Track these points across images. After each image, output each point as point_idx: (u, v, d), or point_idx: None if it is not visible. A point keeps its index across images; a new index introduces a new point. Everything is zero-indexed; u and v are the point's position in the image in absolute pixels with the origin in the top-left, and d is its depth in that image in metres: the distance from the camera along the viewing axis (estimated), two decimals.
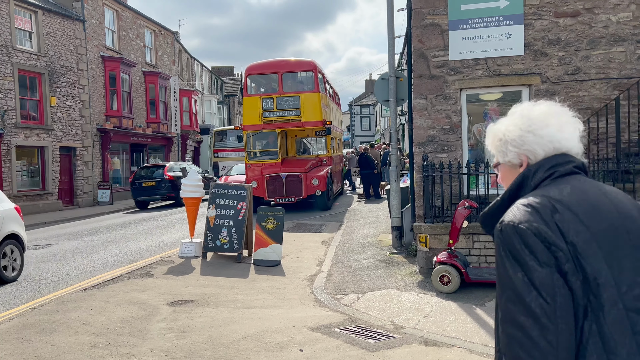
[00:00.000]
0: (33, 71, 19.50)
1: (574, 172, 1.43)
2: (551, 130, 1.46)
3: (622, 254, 1.29)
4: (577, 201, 1.33)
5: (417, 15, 8.21)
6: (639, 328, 1.24)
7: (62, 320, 5.71)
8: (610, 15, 7.70)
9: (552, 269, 1.25)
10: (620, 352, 1.22)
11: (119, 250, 10.46)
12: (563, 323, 1.22)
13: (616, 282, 1.26)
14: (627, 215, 1.34)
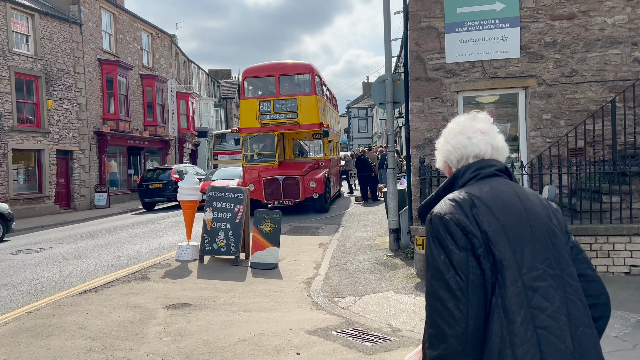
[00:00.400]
0: (30, 74, 19.48)
1: (495, 174, 1.71)
2: (461, 139, 1.74)
3: (525, 243, 1.56)
4: (493, 198, 1.60)
5: (414, 18, 8.23)
6: (533, 302, 1.51)
7: (58, 324, 5.68)
8: (606, 18, 7.73)
9: (467, 252, 1.53)
10: (516, 320, 1.49)
11: (115, 253, 10.43)
12: (474, 296, 1.50)
13: (518, 265, 1.54)
14: (532, 213, 1.62)
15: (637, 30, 7.66)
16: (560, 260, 1.60)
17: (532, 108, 7.97)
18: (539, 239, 1.60)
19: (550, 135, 7.90)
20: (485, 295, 1.53)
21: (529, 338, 1.49)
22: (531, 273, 1.55)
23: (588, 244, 6.64)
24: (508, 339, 1.49)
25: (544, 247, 1.59)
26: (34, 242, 12.56)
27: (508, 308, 1.51)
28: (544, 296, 1.54)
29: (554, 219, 1.66)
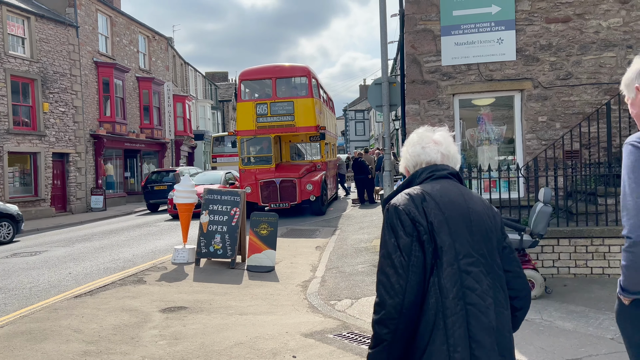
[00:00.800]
0: (26, 77, 19.42)
1: (447, 177, 1.99)
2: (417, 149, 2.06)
3: (463, 234, 1.86)
4: (441, 195, 1.90)
5: (410, 21, 8.25)
6: (466, 283, 1.81)
7: (53, 328, 5.66)
8: (601, 21, 7.76)
9: (413, 238, 1.82)
10: (449, 296, 1.79)
11: (111, 256, 10.40)
12: (413, 274, 1.80)
13: (456, 251, 1.83)
14: (473, 211, 1.92)
15: (632, 33, 7.70)
16: (492, 253, 1.92)
17: (528, 110, 8.00)
18: (476, 233, 1.90)
19: (546, 137, 7.93)
20: (425, 275, 1.82)
21: (458, 311, 1.79)
22: (466, 259, 1.85)
23: (584, 246, 6.66)
24: (441, 311, 1.80)
25: (480, 239, 1.89)
26: (30, 245, 12.52)
27: (443, 286, 1.81)
28: (475, 279, 1.84)
29: (492, 219, 1.96)
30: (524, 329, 5.05)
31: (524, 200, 7.57)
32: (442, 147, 2.05)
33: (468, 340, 1.80)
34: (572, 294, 6.08)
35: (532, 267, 6.02)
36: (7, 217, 13.49)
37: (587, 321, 5.17)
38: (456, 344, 1.78)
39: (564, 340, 4.71)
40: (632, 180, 1.96)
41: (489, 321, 1.82)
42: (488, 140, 8.43)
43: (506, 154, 8.44)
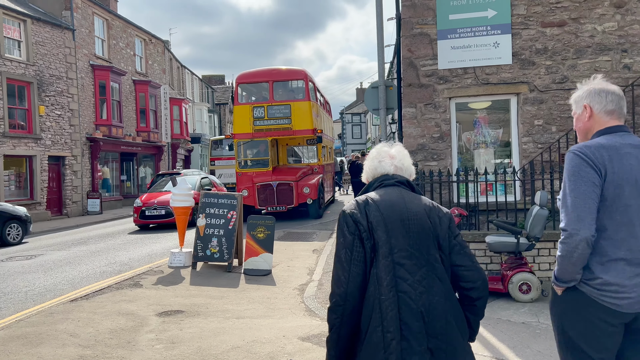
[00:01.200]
0: (22, 80, 19.38)
1: (394, 184, 2.31)
2: (374, 162, 2.40)
3: (399, 231, 2.16)
4: (383, 200, 2.23)
5: (406, 25, 8.27)
6: (398, 273, 2.11)
7: (49, 332, 5.63)
8: (596, 25, 7.81)
9: (355, 236, 2.15)
10: (383, 284, 2.10)
11: (107, 260, 10.36)
12: (355, 267, 2.13)
13: (391, 246, 2.13)
14: (411, 211, 2.21)
15: (627, 37, 7.75)
16: (429, 249, 2.18)
17: (524, 114, 8.03)
18: (412, 231, 2.18)
19: (542, 141, 7.96)
20: (366, 267, 2.15)
21: (391, 297, 2.09)
22: (400, 253, 2.14)
23: None
24: (378, 297, 2.10)
25: (416, 236, 2.18)
26: (25, 249, 12.46)
27: (379, 276, 2.12)
28: (408, 270, 2.13)
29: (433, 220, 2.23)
30: (520, 332, 5.06)
31: (520, 204, 7.59)
32: (396, 160, 2.40)
33: (399, 322, 2.08)
34: None
35: (529, 270, 6.03)
36: (16, 218, 13.76)
37: None
38: (389, 325, 2.08)
39: None
40: (572, 182, 2.27)
41: (416, 307, 2.10)
42: (484, 143, 8.46)
43: (502, 157, 8.46)
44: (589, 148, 2.29)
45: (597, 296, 2.24)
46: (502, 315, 5.57)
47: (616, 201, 2.23)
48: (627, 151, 2.27)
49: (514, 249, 6.06)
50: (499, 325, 5.26)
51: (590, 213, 2.20)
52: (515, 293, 5.99)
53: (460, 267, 2.22)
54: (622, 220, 2.23)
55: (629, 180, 2.23)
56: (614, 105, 2.39)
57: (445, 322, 2.12)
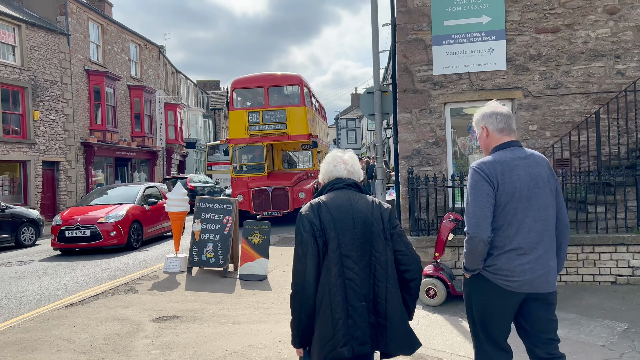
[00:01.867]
0: (16, 85, 19.32)
1: (344, 187, 2.71)
2: (329, 167, 2.78)
3: (346, 228, 2.58)
4: (332, 202, 2.64)
5: (401, 31, 8.33)
6: (345, 264, 2.55)
7: (44, 338, 5.60)
8: (589, 31, 7.88)
9: (309, 234, 2.56)
10: (332, 273, 2.53)
11: (102, 265, 10.32)
12: (309, 261, 2.55)
13: (339, 241, 2.56)
14: (357, 210, 2.63)
15: (620, 43, 7.83)
16: (371, 241, 2.60)
17: (519, 119, 8.08)
18: (358, 227, 2.60)
19: (537, 146, 8.01)
20: (319, 260, 2.56)
21: (339, 284, 2.53)
22: (347, 247, 2.57)
23: (574, 254, 6.71)
24: (327, 283, 2.54)
25: (361, 231, 2.60)
26: (19, 255, 12.38)
27: (329, 266, 2.55)
28: (354, 261, 2.57)
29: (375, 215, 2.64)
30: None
31: None
32: (348, 165, 2.78)
33: (345, 304, 2.54)
34: (563, 301, 6.11)
35: None
36: (30, 221, 14.25)
37: (579, 328, 5.21)
38: (337, 307, 2.53)
39: None
40: (472, 194, 2.79)
41: (361, 291, 2.56)
42: (479, 148, 8.50)
43: None
44: (485, 164, 2.83)
45: (493, 279, 2.82)
46: None
47: (508, 205, 2.76)
48: (516, 163, 2.80)
49: None
50: None
51: (486, 219, 2.74)
52: None
53: (398, 252, 2.66)
54: (513, 221, 2.77)
55: (518, 188, 2.76)
56: (503, 124, 2.90)
57: (385, 302, 2.59)
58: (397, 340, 2.59)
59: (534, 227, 2.78)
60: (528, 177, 2.79)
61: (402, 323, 2.61)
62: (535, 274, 2.77)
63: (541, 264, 2.79)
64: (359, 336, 2.54)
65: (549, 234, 2.83)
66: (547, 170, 2.86)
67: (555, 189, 2.88)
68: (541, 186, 2.80)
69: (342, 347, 2.50)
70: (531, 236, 2.78)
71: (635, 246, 6.56)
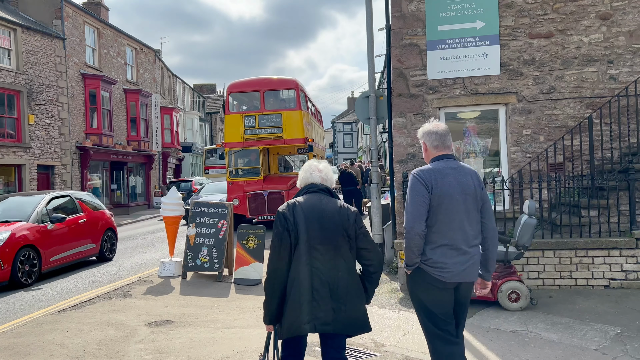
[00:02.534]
0: (11, 89, 19.27)
1: (317, 191, 3.21)
2: (306, 174, 3.31)
3: (316, 225, 3.08)
4: (305, 202, 3.15)
5: (396, 36, 8.36)
6: (313, 254, 3.04)
7: (37, 343, 5.58)
8: (582, 37, 7.93)
9: (284, 228, 3.06)
10: (301, 262, 3.02)
11: (97, 270, 10.28)
12: (283, 251, 3.05)
13: (309, 235, 3.05)
14: (326, 211, 3.13)
15: (613, 49, 7.88)
16: (337, 238, 3.09)
17: (513, 124, 8.12)
18: (326, 225, 3.09)
19: (531, 150, 8.04)
20: (291, 251, 3.06)
21: (307, 270, 3.03)
22: (315, 240, 3.06)
23: (568, 258, 6.74)
24: (297, 271, 3.04)
25: (328, 229, 3.09)
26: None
27: (299, 256, 3.05)
28: (320, 253, 3.06)
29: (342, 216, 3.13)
30: (510, 340, 5.09)
31: (509, 213, 7.65)
32: (322, 173, 3.29)
33: (311, 289, 3.01)
34: (557, 305, 6.14)
35: (518, 279, 6.07)
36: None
37: (572, 332, 5.23)
38: (304, 291, 3.01)
39: (549, 352, 4.75)
40: (410, 195, 3.28)
41: (325, 279, 3.04)
42: (474, 152, 8.53)
43: (491, 166, 8.54)
44: (422, 171, 3.34)
45: (430, 271, 3.25)
46: (492, 324, 5.60)
47: (440, 206, 3.24)
48: (448, 172, 3.31)
49: (503, 258, 6.11)
50: (488, 334, 5.29)
51: (421, 216, 3.21)
52: (504, 302, 6.02)
53: (363, 249, 3.17)
54: (444, 220, 3.23)
55: (448, 192, 3.25)
56: (438, 142, 3.43)
57: (346, 290, 3.07)
58: (352, 324, 3.09)
59: (461, 226, 3.25)
60: (457, 183, 3.28)
61: (358, 310, 3.11)
62: (464, 266, 3.24)
63: (468, 258, 3.26)
64: (322, 317, 3.01)
65: (474, 233, 3.30)
66: (474, 180, 3.34)
67: (481, 197, 3.34)
68: (468, 192, 3.29)
69: (306, 324, 3.00)
70: (459, 233, 3.25)
71: (628, 250, 6.59)
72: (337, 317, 3.02)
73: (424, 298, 3.31)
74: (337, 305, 3.02)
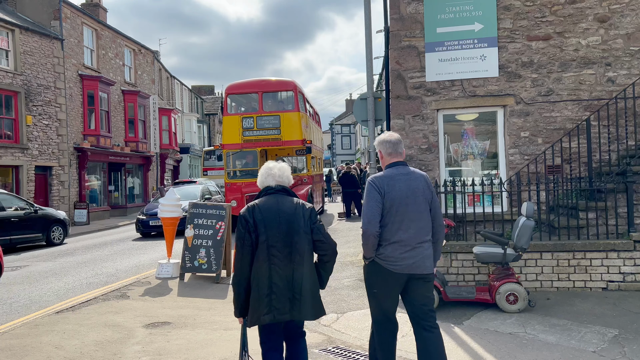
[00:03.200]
0: (9, 90, 19.24)
1: (274, 192, 3.53)
2: (262, 179, 3.64)
3: (274, 225, 3.40)
4: (263, 204, 3.47)
5: (395, 38, 8.37)
6: (271, 252, 3.36)
7: (34, 345, 5.56)
8: (580, 39, 7.95)
9: (246, 230, 3.38)
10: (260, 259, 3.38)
11: (94, 271, 10.26)
12: (245, 250, 3.40)
13: (267, 235, 3.38)
14: (282, 210, 3.46)
15: (610, 51, 7.90)
16: (293, 235, 3.42)
17: (511, 126, 8.13)
18: (283, 224, 3.43)
19: (529, 152, 8.05)
20: (253, 250, 3.40)
21: (265, 267, 3.38)
22: (273, 239, 3.40)
23: (566, 260, 6.74)
24: (257, 267, 3.40)
25: (285, 228, 3.43)
26: (10, 260, 12.29)
27: (259, 254, 3.40)
28: (278, 250, 3.40)
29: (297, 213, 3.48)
30: (508, 342, 5.09)
31: (507, 215, 7.65)
32: (276, 176, 3.62)
33: (270, 283, 3.39)
34: (555, 307, 6.14)
35: (516, 281, 6.07)
36: (58, 222, 15.31)
37: (570, 334, 5.23)
38: (263, 285, 3.39)
39: (547, 354, 4.75)
40: (366, 200, 3.71)
41: (283, 272, 3.41)
42: (472, 154, 8.54)
43: (490, 168, 8.55)
44: (377, 178, 3.74)
45: (383, 264, 3.69)
46: (490, 326, 5.60)
47: (391, 209, 3.65)
48: (399, 178, 3.72)
49: (501, 260, 6.11)
50: (487, 336, 5.28)
51: (375, 218, 3.63)
52: (502, 304, 6.02)
53: (317, 241, 3.51)
54: (395, 220, 3.65)
55: (399, 196, 3.66)
56: (391, 150, 3.83)
57: (302, 282, 3.44)
58: (306, 311, 3.47)
59: (411, 225, 3.66)
60: (407, 188, 3.69)
61: (312, 298, 3.49)
62: (413, 260, 3.66)
63: (417, 252, 3.67)
64: (280, 307, 3.39)
65: (424, 231, 3.71)
66: (423, 184, 3.76)
67: (430, 200, 3.76)
68: (417, 195, 3.70)
69: (266, 315, 3.39)
70: (409, 232, 3.66)
71: (626, 252, 6.60)
72: (293, 306, 3.41)
73: (377, 286, 3.77)
74: (294, 295, 3.41)
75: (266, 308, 3.36)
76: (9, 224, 13.73)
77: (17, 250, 14.01)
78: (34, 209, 14.54)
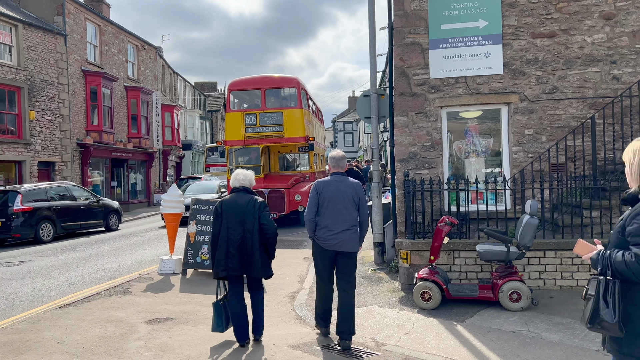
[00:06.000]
0: (12, 85, 19.24)
1: (239, 191, 5.31)
2: (231, 181, 5.41)
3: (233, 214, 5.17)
4: (230, 200, 5.28)
5: (398, 34, 8.33)
6: (229, 232, 5.15)
7: (36, 340, 5.56)
8: (585, 37, 7.90)
9: (218, 215, 5.23)
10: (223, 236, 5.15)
11: (97, 267, 10.26)
12: (216, 228, 5.22)
13: (228, 220, 5.16)
14: (238, 204, 5.21)
15: (616, 49, 7.85)
16: (245, 220, 5.10)
17: (515, 123, 8.09)
18: (238, 212, 5.12)
19: (533, 150, 8.02)
20: (220, 227, 5.13)
21: (224, 242, 5.11)
22: (231, 222, 5.12)
23: (569, 258, 6.72)
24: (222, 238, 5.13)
25: (239, 215, 5.11)
26: (13, 255, 12.31)
27: (222, 231, 5.14)
28: (234, 229, 5.11)
29: (249, 205, 5.14)
30: (511, 340, 5.07)
31: (510, 212, 7.62)
32: (240, 180, 5.30)
33: (227, 252, 5.08)
34: (558, 305, 6.11)
35: (519, 279, 6.05)
36: (114, 211, 17.69)
37: (573, 333, 5.20)
38: (222, 252, 5.09)
39: (550, 352, 4.73)
40: (309, 198, 5.27)
41: (237, 245, 5.07)
42: (475, 152, 8.50)
43: (493, 166, 8.51)
44: (319, 182, 5.29)
45: (319, 243, 5.22)
46: (493, 324, 5.58)
47: (324, 204, 5.17)
48: (332, 183, 5.24)
49: (504, 258, 6.08)
50: (489, 334, 5.26)
51: (312, 209, 5.20)
52: (505, 302, 6.00)
53: (263, 225, 5.10)
54: (326, 212, 5.16)
55: (329, 195, 5.17)
56: (334, 164, 5.38)
57: (251, 251, 5.07)
58: (256, 271, 5.11)
59: (337, 217, 5.13)
60: (336, 190, 5.18)
61: (260, 262, 5.11)
62: (336, 241, 5.13)
63: (339, 236, 5.12)
64: (233, 266, 5.07)
65: (347, 222, 5.15)
66: (352, 190, 5.22)
67: (358, 201, 5.22)
68: (344, 196, 5.17)
69: (222, 271, 5.11)
70: (335, 221, 5.12)
71: None
72: (242, 266, 5.08)
73: (316, 259, 5.33)
74: (245, 258, 5.07)
75: (223, 267, 5.06)
76: (80, 211, 16.26)
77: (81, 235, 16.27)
78: (96, 199, 16.97)
